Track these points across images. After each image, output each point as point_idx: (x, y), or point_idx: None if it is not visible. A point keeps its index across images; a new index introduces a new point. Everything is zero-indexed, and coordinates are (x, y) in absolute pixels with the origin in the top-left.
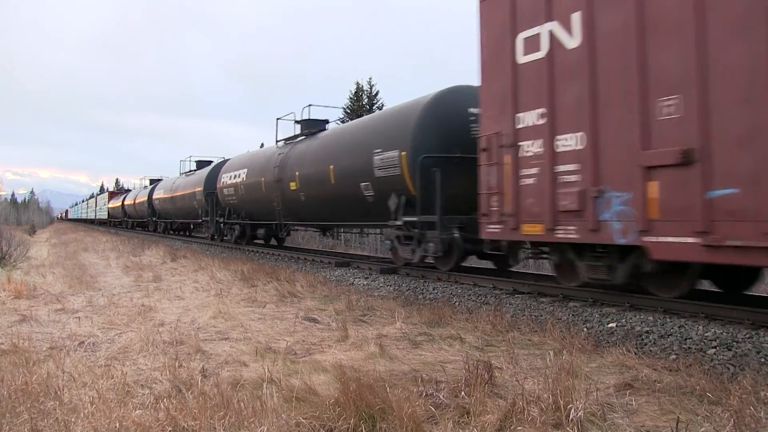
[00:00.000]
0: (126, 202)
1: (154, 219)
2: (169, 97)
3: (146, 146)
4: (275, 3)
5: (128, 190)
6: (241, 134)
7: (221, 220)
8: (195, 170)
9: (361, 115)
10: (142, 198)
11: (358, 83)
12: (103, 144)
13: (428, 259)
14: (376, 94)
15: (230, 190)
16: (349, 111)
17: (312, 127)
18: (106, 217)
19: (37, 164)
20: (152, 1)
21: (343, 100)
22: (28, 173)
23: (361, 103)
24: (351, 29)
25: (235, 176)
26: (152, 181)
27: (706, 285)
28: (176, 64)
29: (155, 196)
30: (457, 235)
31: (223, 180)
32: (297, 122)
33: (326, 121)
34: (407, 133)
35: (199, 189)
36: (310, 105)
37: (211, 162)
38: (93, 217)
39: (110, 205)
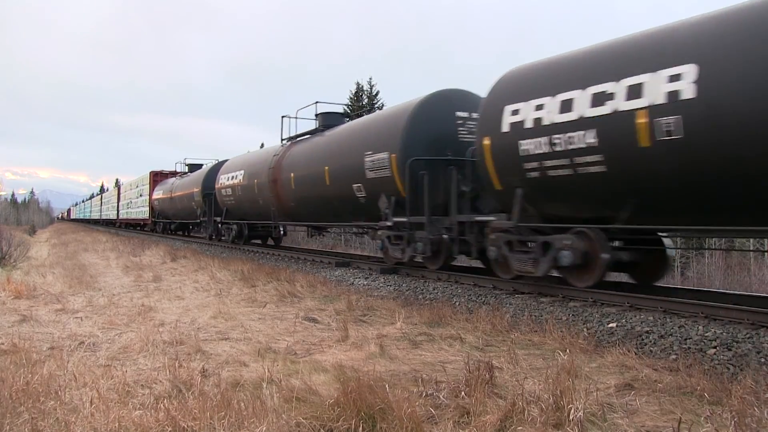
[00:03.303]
0: (177, 193)
1: (218, 219)
2: (168, 97)
3: (146, 146)
4: (274, 2)
5: (182, 173)
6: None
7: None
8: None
9: (362, 116)
10: (193, 189)
11: (358, 83)
12: (103, 144)
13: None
14: (377, 94)
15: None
16: (349, 111)
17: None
18: (144, 215)
19: (37, 164)
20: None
21: (343, 100)
22: (28, 173)
23: (361, 103)
24: (351, 29)
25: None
26: (191, 168)
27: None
28: (176, 64)
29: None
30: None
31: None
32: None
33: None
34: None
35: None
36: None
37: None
38: (98, 216)
39: (159, 196)
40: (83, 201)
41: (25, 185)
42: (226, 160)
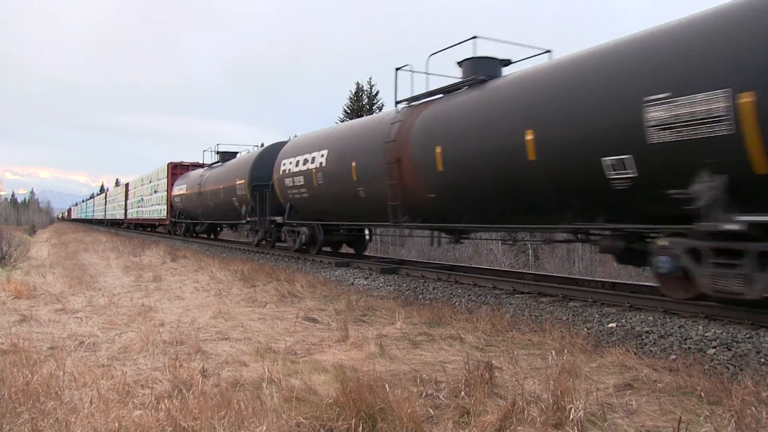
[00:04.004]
0: (209, 187)
1: (278, 219)
2: (168, 97)
3: (146, 146)
4: (274, 2)
5: (213, 164)
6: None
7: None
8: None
9: (361, 116)
10: (235, 180)
11: (358, 83)
12: (103, 144)
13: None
14: (376, 94)
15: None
16: (349, 111)
17: (225, 158)
18: (160, 214)
19: (37, 164)
20: (150, 0)
21: (343, 100)
22: (28, 173)
23: (361, 103)
24: (351, 29)
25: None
26: (225, 156)
27: None
28: (175, 63)
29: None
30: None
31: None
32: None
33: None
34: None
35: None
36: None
37: (237, 153)
38: (102, 216)
39: (181, 191)
40: (85, 200)
41: (25, 185)
42: (283, 142)
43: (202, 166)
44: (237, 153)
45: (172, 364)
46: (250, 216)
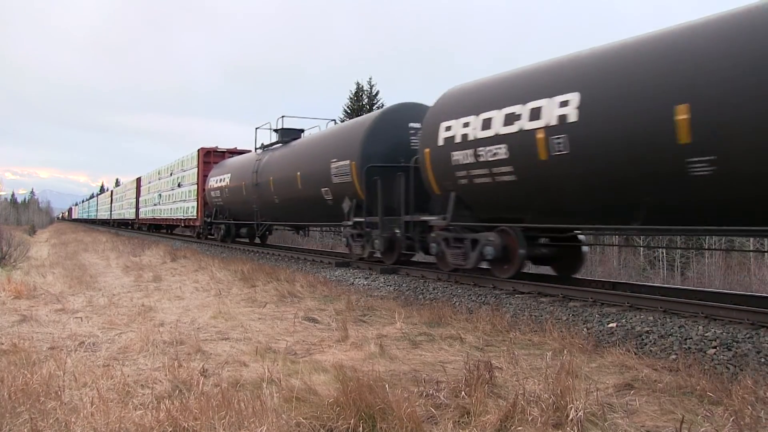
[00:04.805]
0: (276, 175)
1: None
2: (168, 97)
3: (146, 146)
4: (274, 2)
5: (265, 147)
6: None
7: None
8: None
9: (361, 115)
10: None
11: (358, 83)
12: (103, 144)
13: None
14: (376, 94)
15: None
16: (349, 111)
17: (287, 136)
18: (187, 213)
19: (37, 164)
20: (150, 0)
21: (343, 100)
22: (27, 173)
23: (362, 103)
24: (351, 29)
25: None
26: (285, 135)
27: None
28: (175, 63)
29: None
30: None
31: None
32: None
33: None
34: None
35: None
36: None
37: (302, 131)
38: (107, 216)
39: (222, 184)
40: (86, 200)
41: (25, 185)
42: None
43: (241, 152)
44: (302, 131)
45: (172, 364)
46: (355, 215)
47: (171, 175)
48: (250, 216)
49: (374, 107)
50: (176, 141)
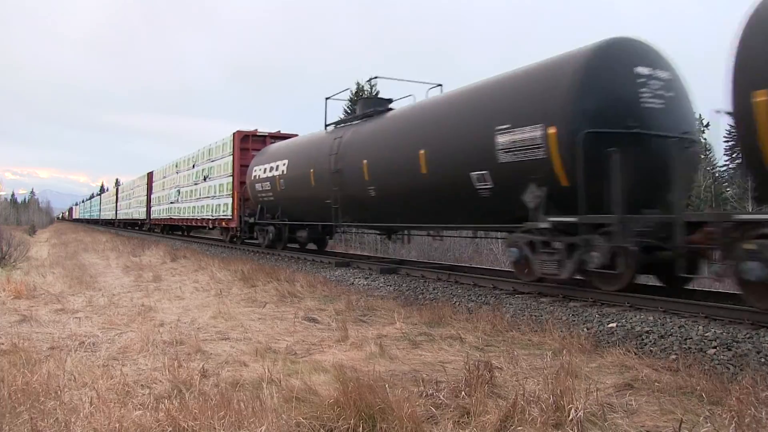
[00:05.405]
0: (367, 157)
1: None
2: (168, 97)
3: (146, 146)
4: (274, 2)
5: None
6: None
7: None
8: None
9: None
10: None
11: (358, 83)
12: (102, 144)
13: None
14: (377, 94)
15: None
16: (349, 111)
17: (370, 107)
18: (217, 212)
19: (37, 164)
20: (150, 0)
21: (344, 100)
22: (27, 173)
23: None
24: (351, 29)
25: None
26: (367, 106)
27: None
28: (174, 63)
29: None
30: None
31: None
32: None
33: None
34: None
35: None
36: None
37: (391, 101)
38: (111, 216)
39: (270, 174)
40: (88, 199)
41: (25, 185)
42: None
43: (285, 137)
44: (390, 100)
45: (172, 364)
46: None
47: (193, 167)
48: (318, 215)
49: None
50: (176, 141)
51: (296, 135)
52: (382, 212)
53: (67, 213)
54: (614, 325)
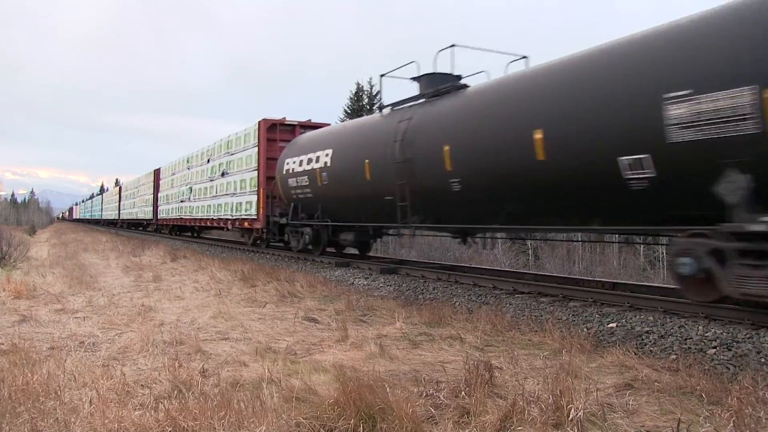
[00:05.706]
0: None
1: None
2: (168, 97)
3: (146, 146)
4: (274, 1)
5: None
6: None
7: None
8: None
9: (362, 116)
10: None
11: (358, 83)
12: (102, 144)
13: None
14: (377, 94)
15: None
16: (349, 111)
17: (434, 85)
18: (238, 211)
19: (37, 164)
20: (150, 0)
21: (343, 100)
22: (27, 173)
23: (362, 103)
24: (351, 29)
25: None
26: (431, 82)
27: None
28: (175, 63)
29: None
30: None
31: None
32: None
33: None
34: None
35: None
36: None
37: (460, 77)
38: (114, 215)
39: (307, 167)
40: (89, 198)
41: (25, 185)
42: None
43: (317, 126)
44: (460, 77)
45: (172, 364)
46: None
47: (208, 162)
48: (373, 214)
49: (374, 107)
50: (176, 141)
51: (328, 125)
52: (468, 211)
53: (67, 213)
54: (614, 325)
